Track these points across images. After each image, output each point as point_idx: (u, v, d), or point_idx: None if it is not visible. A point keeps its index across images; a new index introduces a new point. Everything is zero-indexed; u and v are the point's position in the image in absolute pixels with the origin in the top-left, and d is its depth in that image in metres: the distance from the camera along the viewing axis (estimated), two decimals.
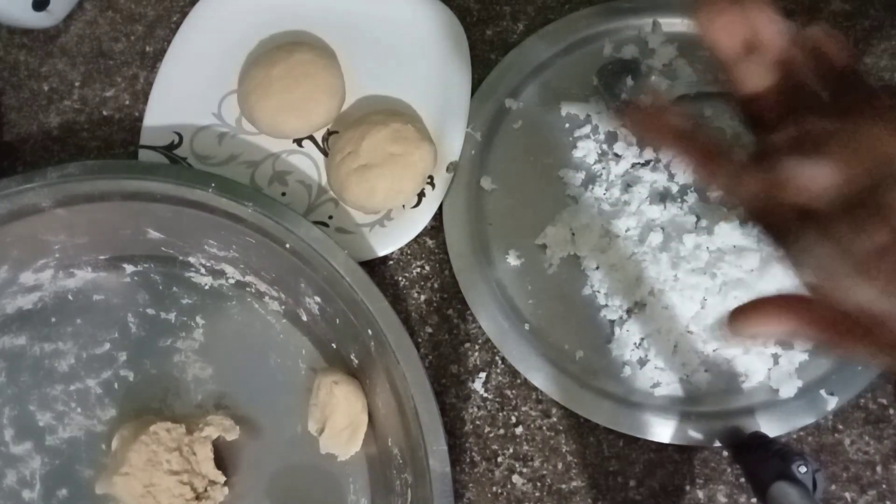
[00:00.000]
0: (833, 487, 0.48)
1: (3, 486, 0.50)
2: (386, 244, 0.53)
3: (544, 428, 0.50)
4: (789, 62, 0.27)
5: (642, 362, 0.50)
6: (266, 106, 0.55)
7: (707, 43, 0.27)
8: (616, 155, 0.55)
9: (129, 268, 0.55)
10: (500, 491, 0.50)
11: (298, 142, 0.57)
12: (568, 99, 0.57)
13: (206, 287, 0.54)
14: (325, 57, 0.57)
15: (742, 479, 0.48)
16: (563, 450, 0.50)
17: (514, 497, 0.49)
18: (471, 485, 0.50)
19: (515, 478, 0.50)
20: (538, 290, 0.53)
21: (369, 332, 0.47)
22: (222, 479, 0.48)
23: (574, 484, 0.49)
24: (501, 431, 0.51)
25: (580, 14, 0.59)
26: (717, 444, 0.48)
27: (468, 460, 0.50)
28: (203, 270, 0.54)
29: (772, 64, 0.27)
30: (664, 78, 0.55)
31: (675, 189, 0.53)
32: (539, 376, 0.50)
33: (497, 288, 0.52)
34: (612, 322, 0.51)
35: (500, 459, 0.50)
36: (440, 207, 0.55)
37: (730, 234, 0.50)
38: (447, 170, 0.55)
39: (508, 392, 0.51)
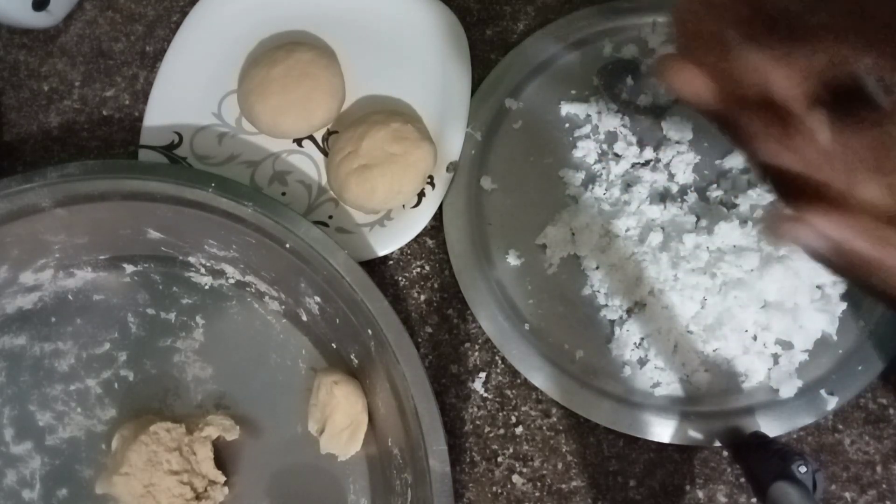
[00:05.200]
0: (833, 487, 0.48)
1: (3, 486, 0.50)
2: (386, 244, 0.53)
3: (544, 428, 0.50)
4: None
5: (642, 362, 0.50)
6: (266, 106, 0.55)
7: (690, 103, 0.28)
8: (616, 155, 0.55)
9: (129, 268, 0.55)
10: (500, 491, 0.50)
11: (298, 142, 0.57)
12: (568, 99, 0.57)
13: (206, 287, 0.54)
14: (325, 57, 0.57)
15: (742, 479, 0.48)
16: (563, 450, 0.50)
17: (514, 497, 0.49)
18: (471, 485, 0.50)
19: (515, 478, 0.50)
20: (538, 290, 0.53)
21: (369, 332, 0.47)
22: (222, 479, 0.48)
23: (574, 484, 0.49)
24: (501, 431, 0.51)
25: (580, 14, 0.59)
26: (717, 444, 0.48)
27: (468, 460, 0.50)
28: (203, 270, 0.54)
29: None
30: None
31: (675, 189, 0.53)
32: (539, 376, 0.50)
33: (497, 288, 0.52)
34: (612, 322, 0.51)
35: (500, 459, 0.50)
36: (440, 207, 0.55)
37: (730, 234, 0.50)
38: (447, 170, 0.55)
39: (508, 392, 0.51)
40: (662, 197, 0.53)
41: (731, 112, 0.28)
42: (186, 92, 0.58)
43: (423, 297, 0.54)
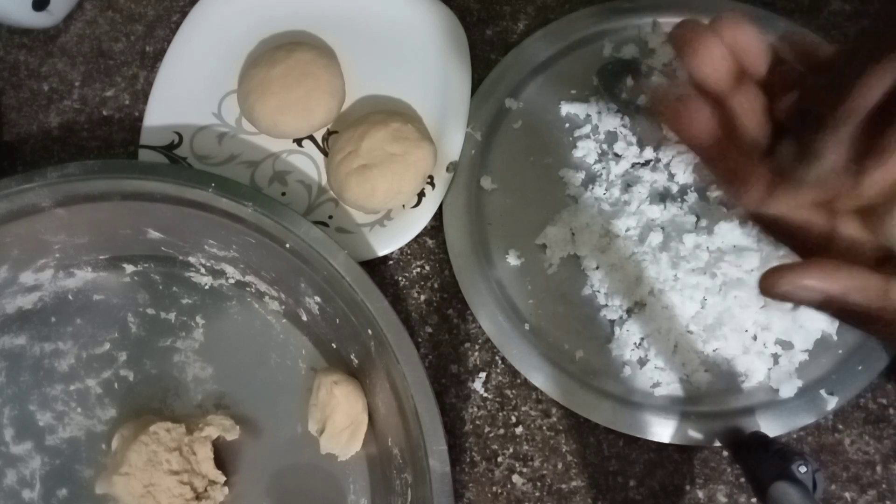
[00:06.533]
0: (833, 487, 0.48)
1: (3, 486, 0.50)
2: (386, 244, 0.53)
3: (544, 428, 0.50)
4: (782, 75, 0.27)
5: (642, 362, 0.50)
6: (266, 106, 0.55)
7: (696, 79, 0.27)
8: (616, 155, 0.55)
9: (129, 268, 0.55)
10: (500, 491, 0.50)
11: (298, 142, 0.57)
12: (568, 99, 0.57)
13: (206, 287, 0.54)
14: (325, 57, 0.57)
15: (742, 479, 0.48)
16: (563, 450, 0.50)
17: (514, 497, 0.49)
18: (471, 485, 0.50)
19: (515, 478, 0.50)
20: (538, 290, 0.53)
21: (369, 332, 0.47)
22: (222, 479, 0.48)
23: (574, 484, 0.49)
24: (501, 431, 0.51)
25: (580, 14, 0.59)
26: (717, 444, 0.48)
27: (468, 460, 0.50)
28: (203, 270, 0.54)
29: (763, 85, 0.27)
30: (664, 78, 0.55)
31: (675, 189, 0.53)
32: (539, 376, 0.50)
33: (497, 288, 0.52)
34: (612, 322, 0.51)
35: (500, 459, 0.50)
36: (440, 207, 0.55)
37: (730, 233, 0.50)
38: (447, 170, 0.55)
39: (508, 392, 0.51)
40: (662, 197, 0.53)
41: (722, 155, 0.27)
42: (186, 92, 0.58)
43: (423, 297, 0.54)
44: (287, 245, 0.48)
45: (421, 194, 0.54)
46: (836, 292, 0.24)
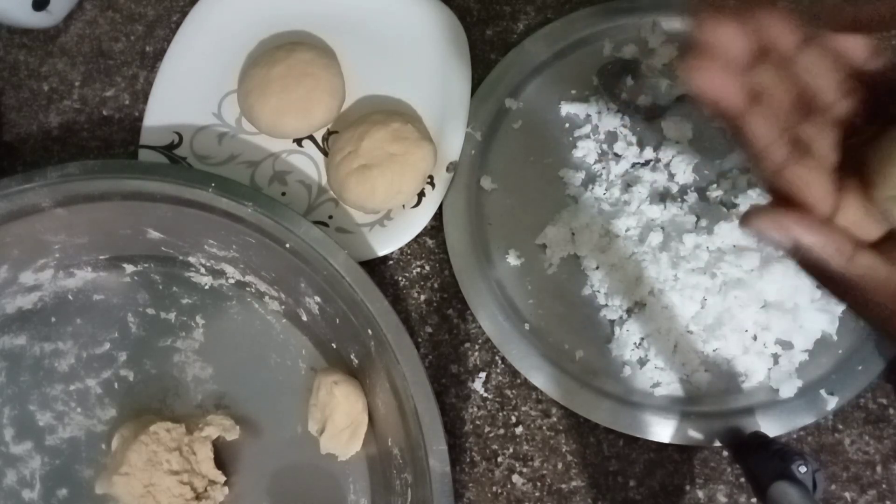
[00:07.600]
0: (833, 487, 0.48)
1: (3, 486, 0.50)
2: (386, 244, 0.53)
3: (544, 428, 0.50)
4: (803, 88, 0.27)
5: (642, 362, 0.50)
6: (266, 106, 0.55)
7: (708, 106, 0.27)
8: (616, 155, 0.55)
9: (129, 268, 0.55)
10: (500, 491, 0.50)
11: (298, 142, 0.57)
12: (568, 99, 0.57)
13: (206, 287, 0.54)
14: (325, 57, 0.57)
15: (742, 479, 0.48)
16: (563, 450, 0.50)
17: (514, 497, 0.49)
18: (471, 485, 0.50)
19: (515, 478, 0.50)
20: (538, 290, 0.53)
21: (369, 332, 0.47)
22: (222, 479, 0.48)
23: (574, 484, 0.49)
24: (501, 431, 0.51)
25: (580, 14, 0.59)
26: (717, 444, 0.48)
27: (468, 460, 0.50)
28: (203, 270, 0.54)
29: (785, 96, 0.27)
30: (664, 78, 0.55)
31: (675, 189, 0.53)
32: (539, 376, 0.50)
33: (497, 288, 0.52)
34: (612, 322, 0.51)
35: (500, 459, 0.50)
36: (440, 207, 0.55)
37: (730, 233, 0.50)
38: (447, 170, 0.55)
39: (508, 392, 0.51)
40: (662, 197, 0.53)
41: (746, 119, 0.28)
42: (186, 92, 0.58)
43: (423, 297, 0.54)
44: (287, 245, 0.48)
45: (421, 194, 0.54)
46: (805, 242, 0.26)
